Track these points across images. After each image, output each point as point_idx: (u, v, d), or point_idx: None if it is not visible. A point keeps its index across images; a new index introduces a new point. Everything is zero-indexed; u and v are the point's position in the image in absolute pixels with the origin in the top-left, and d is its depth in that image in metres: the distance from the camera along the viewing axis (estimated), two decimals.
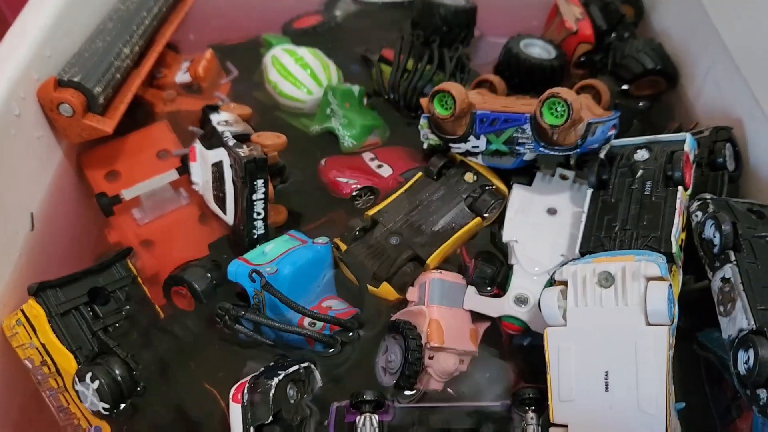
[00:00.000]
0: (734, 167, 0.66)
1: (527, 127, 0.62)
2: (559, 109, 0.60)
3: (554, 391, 0.49)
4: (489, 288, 0.63)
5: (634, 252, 0.52)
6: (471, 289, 0.61)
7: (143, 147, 0.75)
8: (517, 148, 0.64)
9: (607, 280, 0.50)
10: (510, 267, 0.62)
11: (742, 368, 0.47)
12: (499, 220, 0.66)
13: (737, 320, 0.49)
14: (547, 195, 0.66)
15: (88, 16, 0.78)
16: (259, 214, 0.63)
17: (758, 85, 0.67)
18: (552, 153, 0.62)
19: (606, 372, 0.48)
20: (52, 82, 0.66)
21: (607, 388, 0.48)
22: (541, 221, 0.64)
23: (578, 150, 0.61)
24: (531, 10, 0.95)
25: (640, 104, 0.81)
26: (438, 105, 0.65)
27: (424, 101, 0.68)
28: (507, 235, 0.63)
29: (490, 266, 0.62)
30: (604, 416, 0.48)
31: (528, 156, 0.65)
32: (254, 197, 0.62)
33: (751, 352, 0.46)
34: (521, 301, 0.60)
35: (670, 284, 0.48)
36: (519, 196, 0.66)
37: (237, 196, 0.64)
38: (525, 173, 0.68)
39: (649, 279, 0.49)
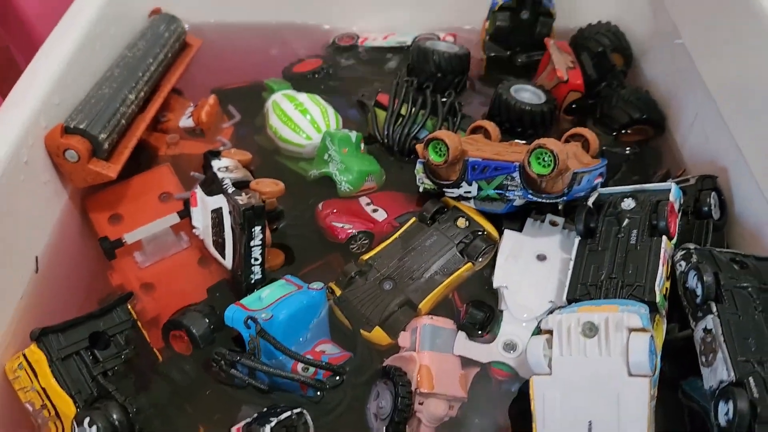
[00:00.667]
0: (719, 216, 0.67)
1: (516, 175, 0.65)
2: (546, 159, 0.62)
3: None
4: (480, 332, 0.64)
5: (618, 302, 0.54)
6: (461, 335, 0.63)
7: (146, 190, 0.77)
8: (507, 194, 0.66)
9: (590, 330, 0.51)
10: (500, 313, 0.64)
11: (722, 420, 0.48)
12: (491, 265, 0.68)
13: (718, 371, 0.50)
14: (537, 240, 0.68)
15: (97, 63, 0.80)
16: (256, 259, 0.65)
17: (741, 135, 0.69)
18: (540, 200, 0.64)
19: (590, 422, 0.49)
20: (59, 129, 0.68)
21: None
22: (530, 267, 0.66)
23: (565, 198, 0.63)
24: None
25: (628, 150, 0.82)
26: (432, 152, 0.68)
27: (419, 147, 0.70)
28: (497, 281, 0.65)
29: (480, 311, 0.64)
30: None
31: (518, 202, 0.67)
32: (252, 243, 0.64)
33: (731, 404, 0.47)
34: (510, 347, 0.61)
35: (652, 335, 0.50)
36: (510, 241, 0.68)
37: (235, 242, 0.65)
38: (516, 218, 0.70)
39: (631, 330, 0.50)
